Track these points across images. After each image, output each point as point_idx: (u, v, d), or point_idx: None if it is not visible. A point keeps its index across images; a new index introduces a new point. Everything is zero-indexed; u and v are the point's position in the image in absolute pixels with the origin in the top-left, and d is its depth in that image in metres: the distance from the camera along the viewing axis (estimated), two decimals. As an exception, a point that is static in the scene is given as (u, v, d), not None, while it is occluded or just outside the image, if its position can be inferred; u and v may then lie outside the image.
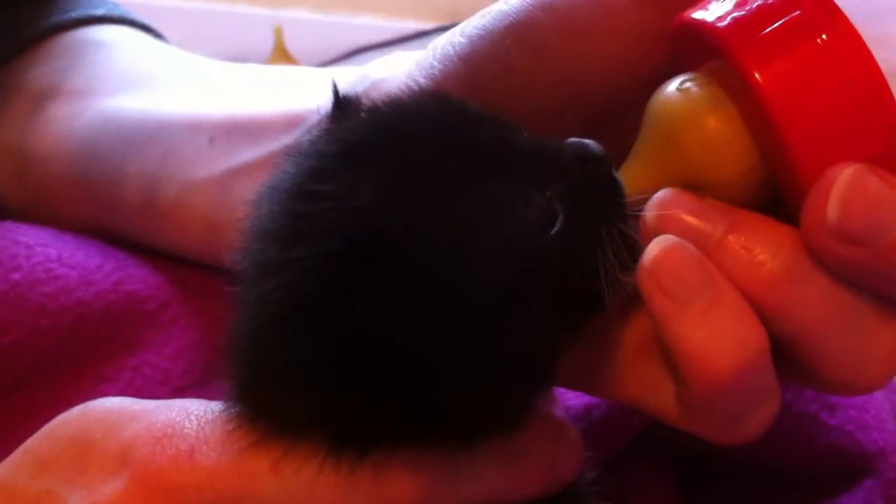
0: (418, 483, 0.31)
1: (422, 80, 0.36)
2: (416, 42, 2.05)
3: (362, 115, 0.33)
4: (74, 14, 0.56)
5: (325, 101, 0.35)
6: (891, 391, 0.46)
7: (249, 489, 0.32)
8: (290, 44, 1.87)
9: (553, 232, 0.30)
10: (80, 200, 0.51)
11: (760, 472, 0.44)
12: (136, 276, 0.47)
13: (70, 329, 0.44)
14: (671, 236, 0.30)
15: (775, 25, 0.30)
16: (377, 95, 0.35)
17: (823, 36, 0.29)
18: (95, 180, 0.49)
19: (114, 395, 0.37)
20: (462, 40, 0.35)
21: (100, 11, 0.57)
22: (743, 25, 0.30)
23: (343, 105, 0.34)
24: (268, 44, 1.86)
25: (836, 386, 0.31)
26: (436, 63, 0.36)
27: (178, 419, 0.34)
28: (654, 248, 0.30)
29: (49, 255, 0.46)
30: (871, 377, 0.31)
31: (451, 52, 0.35)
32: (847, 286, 0.30)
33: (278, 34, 1.85)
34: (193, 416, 0.34)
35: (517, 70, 0.34)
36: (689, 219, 0.31)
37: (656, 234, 0.31)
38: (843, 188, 0.28)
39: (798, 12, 0.29)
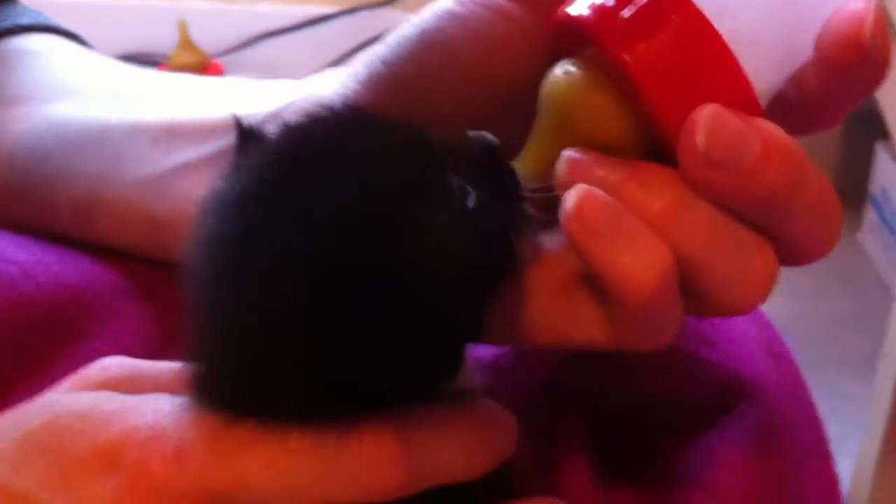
0: (401, 444, 0.34)
1: (352, 85, 0.41)
2: (319, 27, 2.07)
3: (301, 124, 0.36)
4: (1, 25, 0.57)
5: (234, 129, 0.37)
6: (764, 327, 0.53)
7: (244, 485, 0.34)
8: (194, 33, 1.88)
9: (469, 206, 0.35)
10: (16, 201, 0.53)
11: (657, 409, 0.49)
12: (75, 269, 0.49)
13: (16, 323, 0.46)
14: (583, 185, 0.35)
15: (633, 12, 0.36)
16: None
17: (673, 17, 0.35)
18: (39, 182, 0.51)
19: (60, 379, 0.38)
20: (384, 49, 0.41)
21: (26, 21, 0.58)
22: (607, 16, 0.36)
23: (248, 137, 0.37)
24: (172, 36, 1.87)
25: (723, 307, 0.37)
26: (361, 69, 0.41)
27: (156, 420, 0.35)
28: (572, 196, 0.35)
29: None
30: (750, 298, 0.36)
31: (376, 58, 0.41)
32: (727, 218, 0.36)
33: (182, 27, 1.87)
34: (170, 415, 0.35)
35: (431, 70, 0.40)
36: (596, 169, 0.36)
37: (569, 186, 0.36)
38: (707, 121, 0.34)
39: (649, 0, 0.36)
